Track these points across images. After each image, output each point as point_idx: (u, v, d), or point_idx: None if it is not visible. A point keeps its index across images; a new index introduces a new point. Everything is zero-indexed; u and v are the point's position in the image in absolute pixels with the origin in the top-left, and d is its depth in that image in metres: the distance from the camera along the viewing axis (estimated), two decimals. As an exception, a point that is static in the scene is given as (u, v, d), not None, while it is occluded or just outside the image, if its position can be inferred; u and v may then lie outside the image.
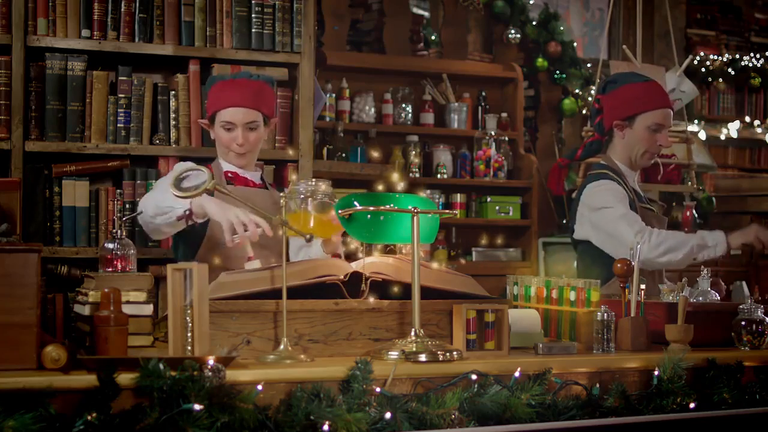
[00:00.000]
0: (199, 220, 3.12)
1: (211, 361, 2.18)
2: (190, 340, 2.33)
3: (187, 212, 3.08)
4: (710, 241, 3.45)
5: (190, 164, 3.29)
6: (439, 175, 6.63)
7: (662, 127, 3.76)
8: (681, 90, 5.81)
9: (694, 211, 6.67)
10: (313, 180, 2.77)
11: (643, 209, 3.76)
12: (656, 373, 2.62)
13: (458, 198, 6.69)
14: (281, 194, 2.68)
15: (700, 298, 3.05)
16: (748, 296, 3.12)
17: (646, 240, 3.49)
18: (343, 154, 6.26)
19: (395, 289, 2.67)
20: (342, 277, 2.64)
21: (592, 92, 6.50)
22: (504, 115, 6.92)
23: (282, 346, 2.47)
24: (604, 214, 3.65)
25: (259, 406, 2.19)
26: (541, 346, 2.70)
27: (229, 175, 3.45)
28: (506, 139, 6.83)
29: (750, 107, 8.34)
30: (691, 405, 2.62)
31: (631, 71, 4.30)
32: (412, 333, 2.55)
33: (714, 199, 7.47)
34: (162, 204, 3.10)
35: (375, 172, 6.21)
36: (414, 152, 6.57)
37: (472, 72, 6.93)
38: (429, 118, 6.72)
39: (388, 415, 2.27)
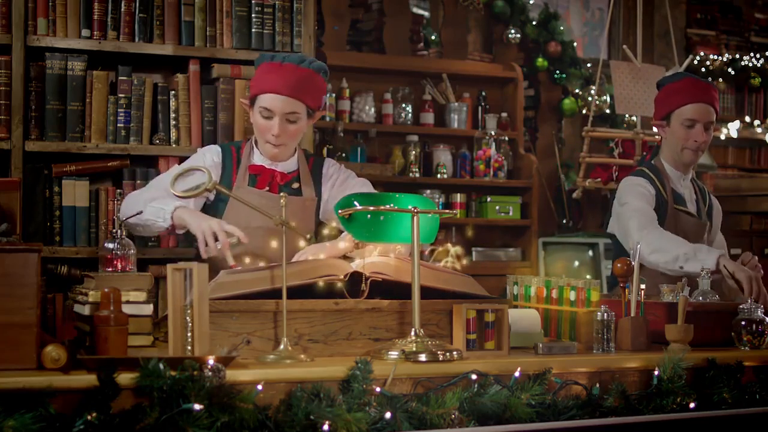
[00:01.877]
0: (179, 231, 3.12)
1: (211, 361, 2.18)
2: (190, 339, 2.33)
3: (169, 228, 3.09)
4: (701, 255, 3.37)
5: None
6: (439, 175, 6.63)
7: (696, 122, 3.73)
8: (681, 90, 5.80)
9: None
10: None
11: (678, 212, 3.75)
12: (656, 373, 2.62)
13: (458, 198, 6.69)
14: (281, 195, 2.66)
15: (700, 298, 3.05)
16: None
17: (644, 236, 3.48)
18: (343, 154, 6.26)
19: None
20: (342, 277, 2.64)
21: (592, 92, 6.50)
22: (504, 115, 6.92)
23: (282, 346, 2.48)
24: (624, 210, 3.67)
25: (259, 406, 2.19)
26: (541, 346, 2.70)
27: (255, 169, 3.30)
28: (506, 139, 6.83)
29: (750, 107, 8.33)
30: (691, 405, 2.62)
31: (678, 71, 4.28)
32: (412, 333, 2.55)
33: (714, 199, 7.47)
34: (143, 217, 3.04)
35: (375, 172, 6.21)
36: (414, 152, 6.57)
37: (472, 72, 6.93)
38: (429, 117, 6.72)
39: (388, 414, 2.27)
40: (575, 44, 7.37)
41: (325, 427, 2.18)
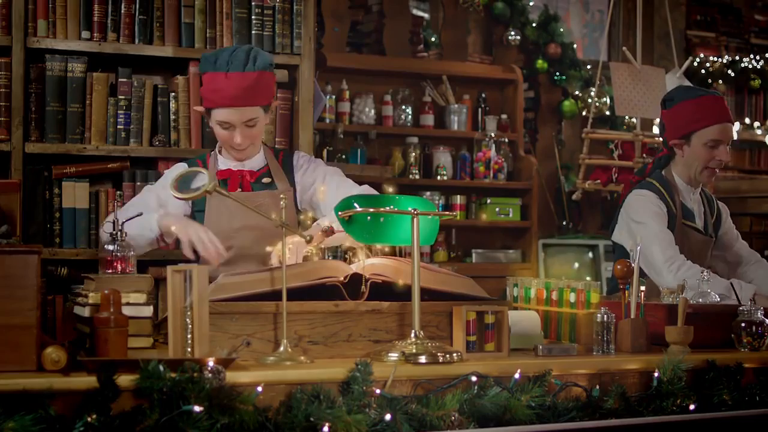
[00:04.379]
0: (169, 239, 3.13)
1: (211, 363, 2.18)
2: (190, 341, 2.33)
3: (158, 237, 3.15)
4: (737, 294, 3.26)
5: (184, 165, 3.32)
6: (439, 177, 6.63)
7: (719, 142, 3.72)
8: (681, 92, 5.81)
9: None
10: None
11: (686, 227, 3.74)
12: (656, 374, 2.62)
13: (458, 199, 6.70)
14: (281, 196, 2.67)
15: (700, 300, 3.05)
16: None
17: (674, 270, 3.47)
18: (343, 156, 6.26)
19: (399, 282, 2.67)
20: (342, 278, 2.64)
21: (592, 94, 6.51)
22: (504, 116, 6.93)
23: (282, 348, 2.48)
24: (641, 230, 3.63)
25: (259, 408, 2.19)
26: (540, 347, 2.70)
27: (223, 174, 3.35)
28: (506, 140, 6.84)
29: (750, 109, 8.34)
30: (691, 406, 2.62)
31: (688, 86, 4.22)
32: (412, 334, 2.55)
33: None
34: (132, 232, 2.95)
35: (375, 173, 6.21)
36: (414, 154, 6.57)
37: (472, 73, 6.93)
38: (429, 119, 6.73)
39: (388, 416, 2.27)
40: (575, 46, 7.38)
41: (325, 428, 2.18)
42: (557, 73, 7.27)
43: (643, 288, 2.93)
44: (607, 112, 7.13)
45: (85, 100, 3.77)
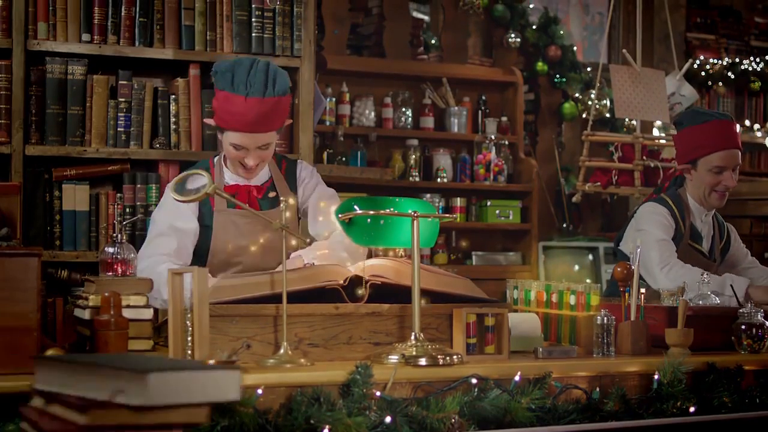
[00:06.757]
0: None
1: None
2: (190, 344, 2.33)
3: None
4: (728, 291, 3.34)
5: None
6: (439, 179, 6.63)
7: (724, 168, 3.77)
8: (681, 94, 5.82)
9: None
10: None
11: (690, 247, 3.78)
12: (656, 377, 2.62)
13: (458, 202, 6.69)
14: (281, 199, 2.67)
15: (700, 302, 3.05)
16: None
17: (666, 271, 3.54)
18: (343, 158, 6.26)
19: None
20: (342, 281, 2.64)
21: (592, 96, 6.51)
22: (504, 119, 6.93)
23: (282, 351, 2.48)
24: (643, 236, 3.67)
25: (260, 410, 2.19)
26: (541, 350, 2.70)
27: (230, 190, 3.29)
28: (506, 143, 6.83)
29: (750, 111, 8.34)
30: (691, 409, 2.62)
31: (697, 110, 4.23)
32: (412, 337, 2.56)
33: (714, 202, 7.45)
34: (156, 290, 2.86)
35: (375, 176, 6.21)
36: (414, 156, 6.57)
37: (472, 76, 6.93)
38: (429, 122, 6.73)
39: (388, 419, 2.27)
40: (575, 48, 7.38)
41: (326, 431, 2.18)
42: (557, 76, 7.27)
43: (643, 290, 2.93)
44: (607, 115, 7.13)
45: (85, 102, 3.77)
